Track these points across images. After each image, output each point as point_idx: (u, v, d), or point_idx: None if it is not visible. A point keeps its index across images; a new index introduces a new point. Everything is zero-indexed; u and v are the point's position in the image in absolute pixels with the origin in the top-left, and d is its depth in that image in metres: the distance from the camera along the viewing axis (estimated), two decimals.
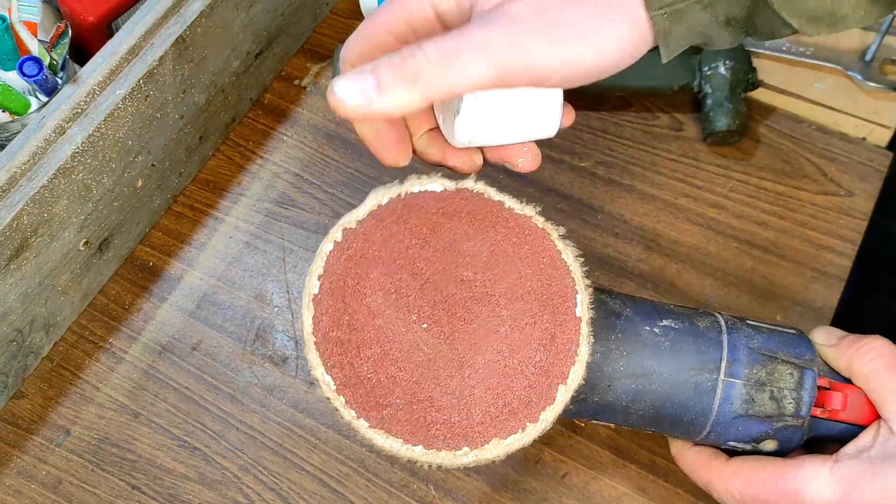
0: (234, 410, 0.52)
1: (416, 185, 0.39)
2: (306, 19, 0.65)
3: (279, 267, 0.57)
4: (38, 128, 0.48)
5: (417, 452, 0.35)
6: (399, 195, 0.38)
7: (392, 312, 0.37)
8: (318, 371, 0.36)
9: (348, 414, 0.36)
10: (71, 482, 0.50)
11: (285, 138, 0.62)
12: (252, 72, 0.61)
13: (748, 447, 0.42)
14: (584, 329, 0.37)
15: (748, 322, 0.43)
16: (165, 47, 0.51)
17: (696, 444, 0.44)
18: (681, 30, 0.37)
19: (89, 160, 0.49)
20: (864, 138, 0.61)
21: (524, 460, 0.50)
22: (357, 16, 0.66)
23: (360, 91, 0.33)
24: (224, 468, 0.50)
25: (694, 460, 0.44)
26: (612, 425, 0.46)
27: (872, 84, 0.62)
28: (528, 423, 0.35)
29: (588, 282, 0.38)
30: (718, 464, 0.43)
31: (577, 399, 0.39)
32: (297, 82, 0.64)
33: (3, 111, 0.52)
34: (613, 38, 0.36)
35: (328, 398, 0.36)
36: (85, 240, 0.52)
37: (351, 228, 0.38)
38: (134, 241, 0.57)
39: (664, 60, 0.38)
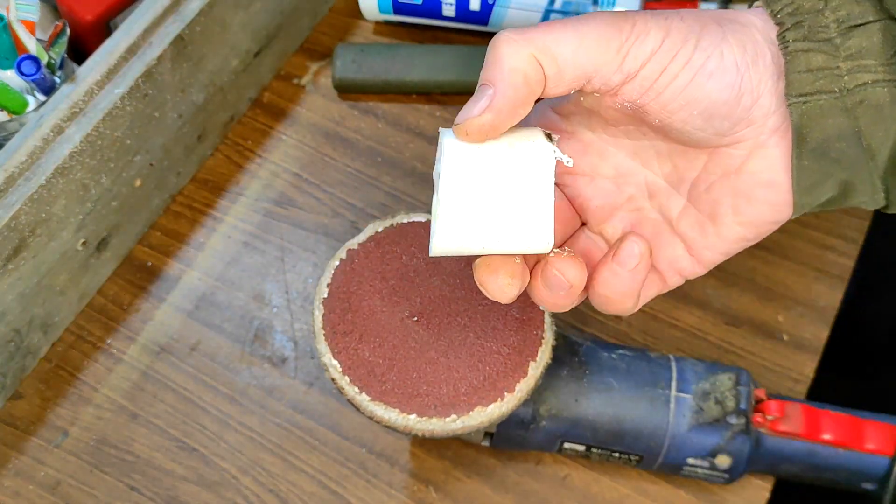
0: (232, 411, 0.52)
1: (405, 217, 0.46)
2: (305, 18, 0.65)
3: (278, 267, 0.56)
4: (36, 127, 0.48)
5: (412, 420, 0.41)
6: (392, 224, 0.46)
7: (388, 310, 0.43)
8: (327, 357, 0.42)
9: (352, 390, 0.42)
10: (69, 483, 0.50)
11: (284, 137, 0.61)
12: (251, 71, 0.61)
13: (706, 464, 0.46)
14: (548, 319, 0.44)
15: (693, 359, 0.49)
16: (164, 46, 0.51)
17: (657, 471, 0.48)
18: (818, 136, 0.31)
19: (87, 159, 0.49)
20: None
21: (525, 462, 0.50)
22: (356, 14, 0.66)
23: (475, 101, 0.31)
24: (223, 469, 0.50)
25: None
26: (584, 449, 0.48)
27: None
28: (506, 393, 0.42)
29: None
30: None
31: (551, 415, 0.46)
32: (296, 81, 0.64)
33: (1, 110, 0.52)
34: (720, 40, 0.31)
35: (334, 379, 0.42)
36: (83, 240, 0.52)
37: (353, 249, 0.45)
38: (132, 241, 0.57)
39: (796, 209, 0.33)
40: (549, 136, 0.33)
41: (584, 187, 0.37)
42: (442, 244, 0.33)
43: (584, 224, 0.38)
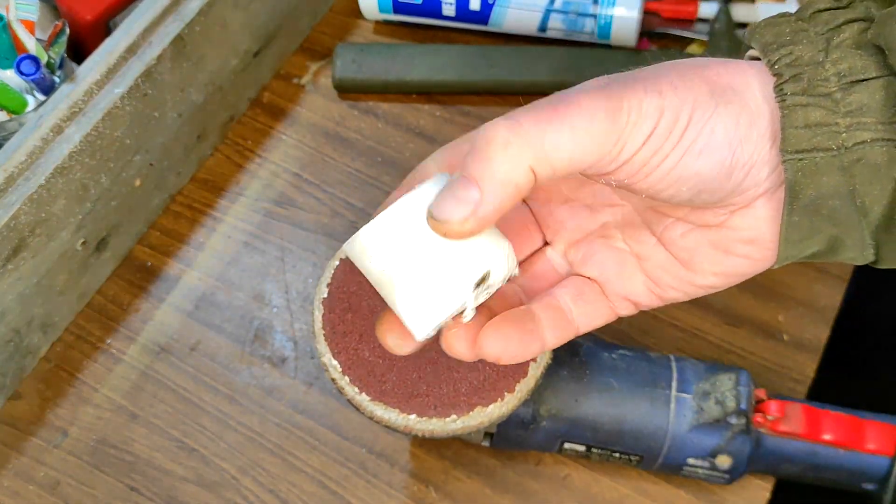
0: (232, 411, 0.52)
1: None
2: (305, 18, 0.65)
3: (278, 267, 0.56)
4: (35, 127, 0.48)
5: (412, 420, 0.41)
6: None
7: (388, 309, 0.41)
8: (327, 357, 0.42)
9: (352, 391, 0.41)
10: (69, 483, 0.49)
11: (284, 137, 0.61)
12: (251, 70, 0.61)
13: (706, 465, 0.46)
14: None
15: (694, 359, 0.49)
16: (164, 46, 0.51)
17: (657, 471, 0.48)
18: (811, 193, 0.30)
19: (87, 159, 0.49)
20: None
21: (525, 462, 0.50)
22: (356, 14, 0.66)
23: (457, 201, 0.29)
24: (222, 469, 0.50)
25: None
26: (584, 449, 0.48)
27: None
28: (506, 393, 0.41)
29: None
30: None
31: (552, 415, 0.46)
32: (296, 81, 0.64)
33: (1, 110, 0.51)
34: (711, 115, 0.30)
35: (334, 379, 0.42)
36: (83, 240, 0.52)
37: None
38: (132, 241, 0.57)
39: (779, 261, 0.32)
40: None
41: (557, 208, 0.36)
42: (351, 251, 0.32)
43: (546, 244, 0.37)
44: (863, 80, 0.29)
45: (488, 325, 0.33)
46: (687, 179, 0.30)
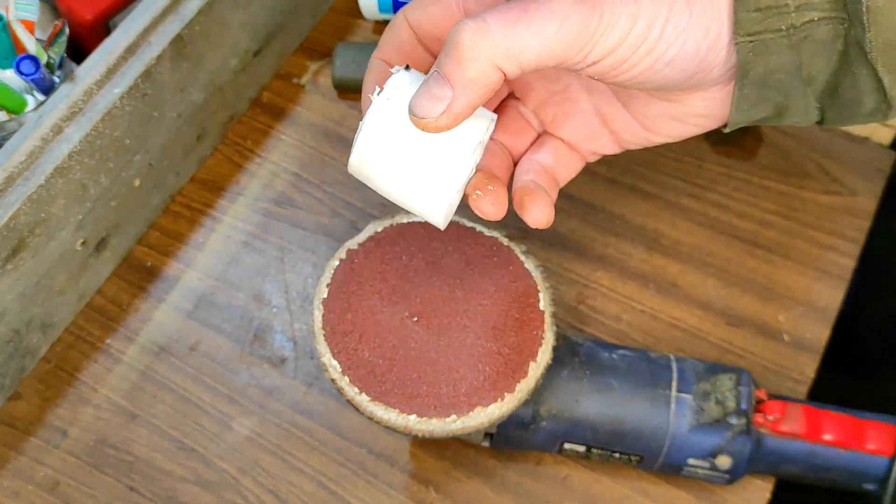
0: (232, 412, 0.52)
1: (405, 217, 0.46)
2: (305, 17, 0.64)
3: (278, 267, 0.56)
4: (34, 127, 0.47)
5: (412, 421, 0.41)
6: (392, 224, 0.46)
7: (387, 310, 0.43)
8: (326, 357, 0.42)
9: (352, 391, 0.41)
10: (68, 484, 0.49)
11: (284, 137, 0.61)
12: (250, 70, 0.60)
13: (706, 465, 0.46)
14: (548, 319, 0.44)
15: (694, 359, 0.49)
16: (163, 45, 0.51)
17: (658, 472, 0.48)
18: (760, 70, 0.32)
19: (86, 159, 0.49)
20: (867, 137, 0.61)
21: (525, 462, 0.50)
22: (356, 14, 0.66)
23: (432, 98, 0.32)
24: (222, 470, 0.50)
25: None
26: (584, 450, 0.48)
27: None
28: (506, 394, 0.41)
29: (548, 285, 0.45)
30: None
31: (552, 416, 0.46)
32: (295, 81, 0.64)
33: (0, 110, 0.51)
34: (685, 27, 0.31)
35: (334, 380, 0.42)
36: (82, 240, 0.52)
37: (353, 249, 0.45)
38: (131, 241, 0.57)
39: (730, 125, 0.35)
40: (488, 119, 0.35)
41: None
42: (352, 167, 0.35)
43: (517, 98, 0.40)
44: None
45: (528, 198, 0.37)
46: (653, 82, 0.33)
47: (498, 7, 0.31)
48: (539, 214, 0.36)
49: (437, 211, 0.35)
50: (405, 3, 0.63)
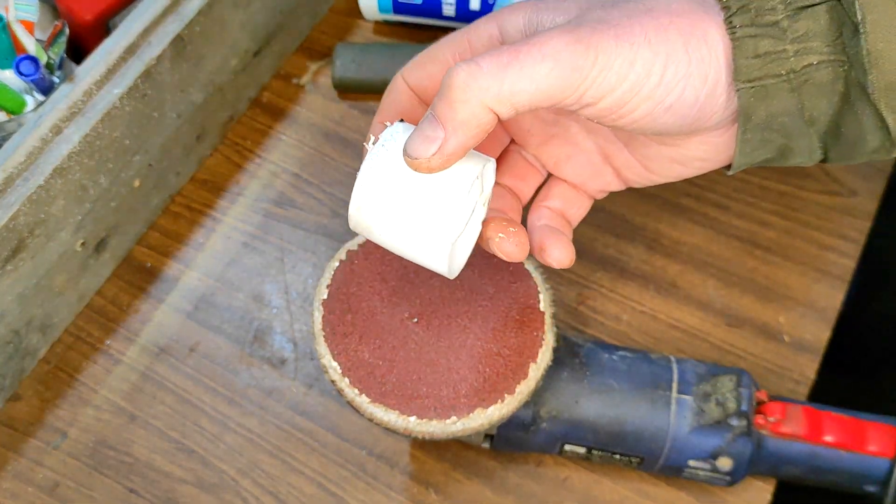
0: (232, 413, 0.51)
1: None
2: (305, 17, 0.64)
3: (278, 268, 0.56)
4: (34, 127, 0.47)
5: (412, 422, 0.41)
6: None
7: (388, 311, 0.43)
8: (326, 359, 0.42)
9: (352, 392, 0.41)
10: (68, 485, 0.49)
11: (284, 137, 0.61)
12: (250, 70, 0.60)
13: (707, 466, 0.46)
14: (548, 320, 0.44)
15: (694, 360, 0.49)
16: (163, 46, 0.51)
17: (658, 473, 0.48)
18: (762, 114, 0.32)
19: (86, 160, 0.49)
20: None
21: (525, 464, 0.50)
22: (356, 14, 0.66)
23: (425, 139, 0.32)
24: (222, 471, 0.50)
25: None
26: (584, 451, 0.48)
27: None
28: (506, 395, 0.41)
29: (548, 286, 0.45)
30: None
31: (552, 417, 0.46)
32: (295, 81, 0.63)
33: (0, 110, 0.51)
34: (685, 74, 0.31)
35: (334, 381, 0.42)
36: (82, 240, 0.51)
37: (353, 250, 0.45)
38: (131, 242, 0.56)
39: (734, 168, 0.34)
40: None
41: (523, 115, 0.38)
42: (352, 220, 0.35)
43: (512, 141, 0.41)
44: (808, 7, 0.31)
45: (547, 242, 0.37)
46: (652, 129, 0.33)
47: (491, 50, 0.31)
48: (560, 254, 0.37)
49: (439, 257, 0.34)
50: (405, 4, 0.63)
